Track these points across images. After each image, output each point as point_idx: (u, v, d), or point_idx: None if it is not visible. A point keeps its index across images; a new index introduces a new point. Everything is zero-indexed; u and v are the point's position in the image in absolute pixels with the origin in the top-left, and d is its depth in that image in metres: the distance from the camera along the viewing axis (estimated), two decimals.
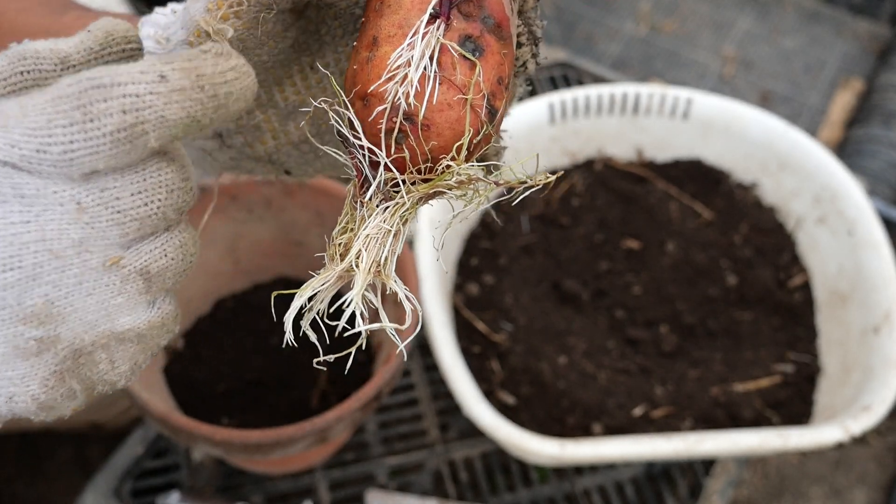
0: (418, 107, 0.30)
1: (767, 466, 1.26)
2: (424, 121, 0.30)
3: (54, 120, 0.26)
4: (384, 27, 0.32)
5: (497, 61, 0.32)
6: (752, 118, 0.85)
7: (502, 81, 0.32)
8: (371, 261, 0.32)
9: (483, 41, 0.32)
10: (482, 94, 0.31)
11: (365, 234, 0.31)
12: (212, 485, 0.75)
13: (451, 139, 0.31)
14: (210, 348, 0.73)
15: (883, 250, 0.76)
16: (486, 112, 0.32)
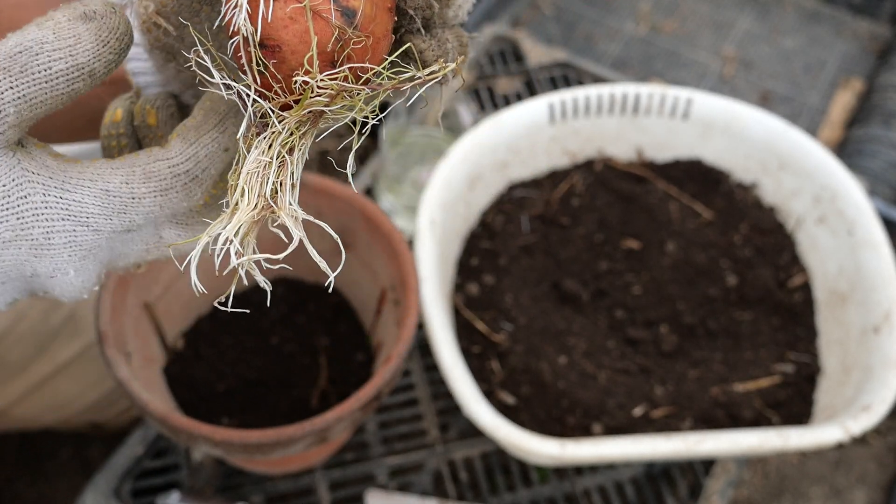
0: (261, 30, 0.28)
1: (767, 466, 1.26)
2: (270, 41, 0.29)
3: None
4: None
5: None
6: (752, 118, 0.85)
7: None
8: (254, 195, 0.30)
9: None
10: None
11: (245, 170, 0.30)
12: (212, 485, 0.75)
13: (308, 47, 0.29)
14: (210, 348, 0.73)
15: (883, 250, 0.76)
16: (338, 14, 0.29)
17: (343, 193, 0.70)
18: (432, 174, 0.77)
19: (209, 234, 0.32)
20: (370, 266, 0.72)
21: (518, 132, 0.83)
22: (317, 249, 0.37)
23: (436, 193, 0.75)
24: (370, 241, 0.70)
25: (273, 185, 0.30)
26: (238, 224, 0.31)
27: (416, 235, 0.72)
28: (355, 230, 0.71)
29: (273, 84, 0.29)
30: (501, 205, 0.84)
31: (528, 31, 1.52)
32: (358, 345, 0.75)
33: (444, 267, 0.75)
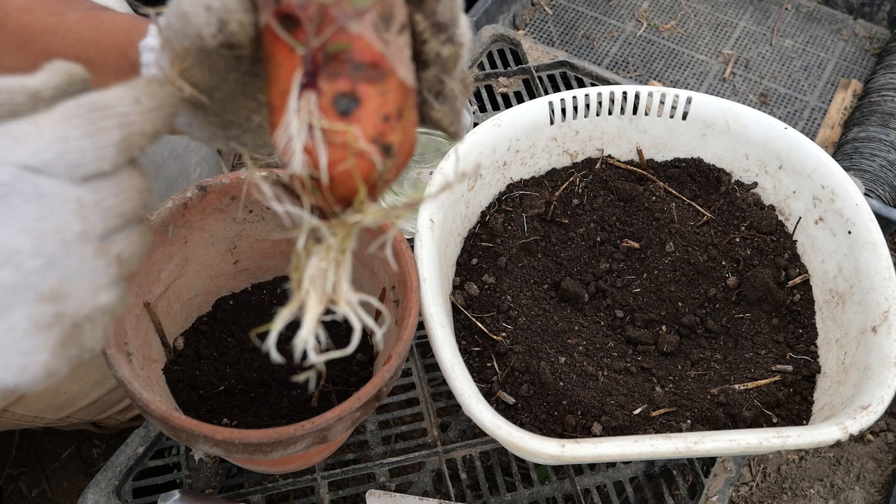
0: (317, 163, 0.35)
1: (767, 465, 1.27)
2: (331, 176, 0.35)
3: (70, 132, 0.33)
4: (272, 96, 0.36)
5: (377, 103, 0.35)
6: (751, 118, 0.85)
7: (389, 118, 0.35)
8: (319, 295, 0.37)
9: (357, 91, 0.35)
10: (373, 138, 0.35)
11: (308, 274, 0.37)
12: (212, 485, 0.75)
13: (356, 182, 0.36)
14: (210, 348, 0.73)
15: (881, 250, 0.76)
16: (379, 150, 0.35)
17: None
18: (432, 174, 0.77)
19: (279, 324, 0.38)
20: (370, 266, 0.72)
21: (518, 132, 0.83)
22: None
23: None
24: (370, 241, 0.71)
25: (334, 283, 0.37)
26: (312, 322, 0.37)
27: (416, 235, 0.72)
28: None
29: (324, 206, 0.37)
30: (501, 205, 0.84)
31: (528, 31, 1.52)
32: (358, 345, 0.75)
33: (444, 267, 0.76)
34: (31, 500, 1.16)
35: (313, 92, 0.35)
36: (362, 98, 0.35)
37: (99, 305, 0.35)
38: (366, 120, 0.35)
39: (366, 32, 0.34)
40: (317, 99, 0.34)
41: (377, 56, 0.35)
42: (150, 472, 0.77)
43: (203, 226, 0.70)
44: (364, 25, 0.34)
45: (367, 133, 0.35)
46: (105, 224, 0.35)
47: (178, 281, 0.70)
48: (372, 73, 0.35)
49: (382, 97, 0.35)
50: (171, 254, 0.69)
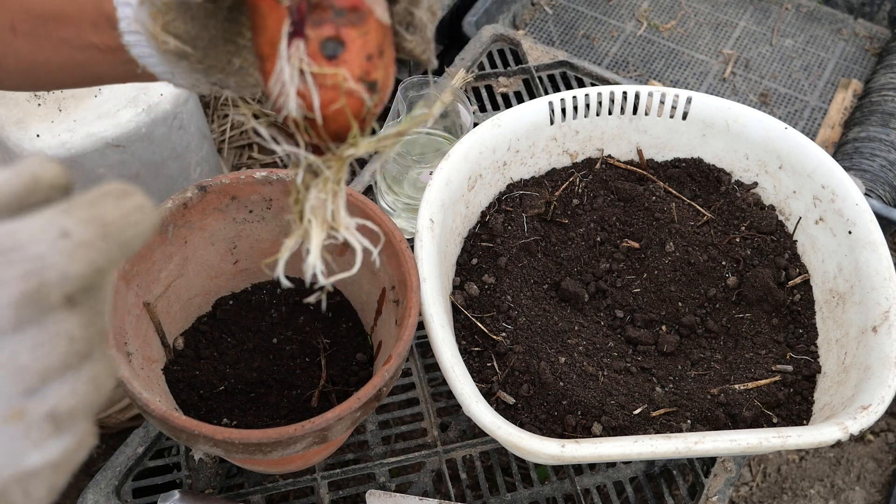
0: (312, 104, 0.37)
1: (767, 465, 1.26)
2: (324, 115, 0.38)
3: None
4: (261, 45, 0.38)
5: (360, 44, 0.38)
6: (751, 118, 0.85)
7: (372, 57, 0.38)
8: (321, 223, 0.40)
9: (342, 35, 0.37)
10: (359, 77, 0.38)
11: (309, 206, 0.40)
12: (212, 485, 0.75)
13: (348, 118, 0.38)
14: (210, 348, 0.73)
15: (881, 250, 0.76)
16: (366, 88, 0.38)
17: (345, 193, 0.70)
18: (432, 174, 0.77)
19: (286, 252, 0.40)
20: (370, 266, 0.72)
21: (518, 132, 0.83)
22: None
23: (436, 193, 0.75)
24: (370, 241, 0.70)
25: (333, 211, 0.40)
26: (318, 248, 0.40)
27: (416, 235, 0.72)
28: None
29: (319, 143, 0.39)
30: (501, 205, 0.84)
31: (528, 31, 1.52)
32: (358, 345, 0.75)
33: (444, 267, 0.76)
34: None
35: (301, 40, 0.37)
36: (347, 41, 0.37)
37: (27, 470, 0.28)
38: (352, 61, 0.38)
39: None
40: (305, 46, 0.37)
41: (356, 0, 0.37)
42: (149, 472, 0.77)
43: (203, 226, 0.70)
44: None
45: (353, 73, 0.38)
46: (22, 385, 0.27)
47: (177, 281, 0.70)
48: (353, 16, 0.37)
49: (364, 38, 0.38)
50: (171, 254, 0.69)
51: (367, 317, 0.75)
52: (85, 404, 0.29)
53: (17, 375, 0.27)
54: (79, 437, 0.29)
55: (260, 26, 0.38)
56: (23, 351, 0.27)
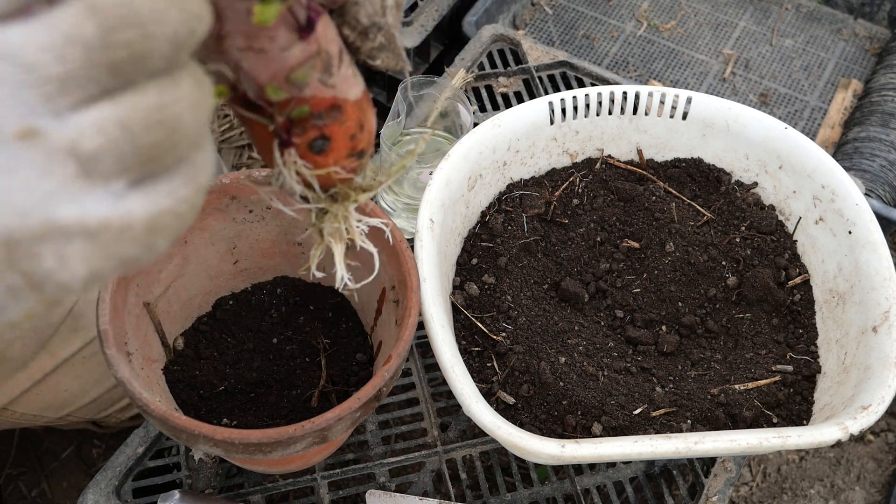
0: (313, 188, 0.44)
1: (767, 466, 1.26)
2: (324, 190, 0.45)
3: None
4: (258, 147, 0.43)
5: (343, 132, 0.42)
6: (751, 118, 0.85)
7: (355, 135, 0.43)
8: (339, 242, 0.47)
9: (325, 133, 0.42)
10: (348, 155, 0.43)
11: (327, 232, 0.47)
12: (212, 485, 0.75)
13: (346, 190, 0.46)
14: (210, 348, 0.73)
15: (881, 250, 0.76)
16: (354, 159, 0.44)
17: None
18: (432, 174, 0.77)
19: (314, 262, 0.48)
20: (370, 266, 0.72)
21: (518, 132, 0.83)
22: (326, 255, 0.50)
23: (436, 193, 0.75)
24: (370, 241, 0.70)
25: (349, 230, 0.47)
26: (341, 262, 0.47)
27: (416, 235, 0.72)
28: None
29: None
30: (501, 205, 0.84)
31: (528, 31, 1.52)
32: (358, 345, 0.75)
33: (444, 267, 0.76)
34: (31, 500, 1.16)
35: (291, 147, 0.42)
36: (331, 135, 0.42)
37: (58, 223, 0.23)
38: (339, 149, 0.43)
39: (316, 91, 0.40)
40: (296, 150, 0.42)
41: (330, 101, 0.41)
42: (149, 472, 0.77)
43: (203, 226, 0.70)
44: (312, 87, 0.40)
45: (342, 156, 0.43)
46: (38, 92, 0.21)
47: (178, 281, 0.70)
48: (331, 114, 0.41)
49: (345, 125, 0.42)
50: (171, 254, 0.69)
51: (367, 317, 0.75)
52: (116, 152, 0.23)
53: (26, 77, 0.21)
54: (132, 213, 0.24)
55: (251, 134, 0.42)
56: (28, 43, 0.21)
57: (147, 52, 0.22)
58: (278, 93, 0.39)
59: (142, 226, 0.24)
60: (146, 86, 0.23)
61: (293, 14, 0.37)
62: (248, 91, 0.38)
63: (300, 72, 0.38)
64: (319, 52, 0.39)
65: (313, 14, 0.38)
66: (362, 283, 0.52)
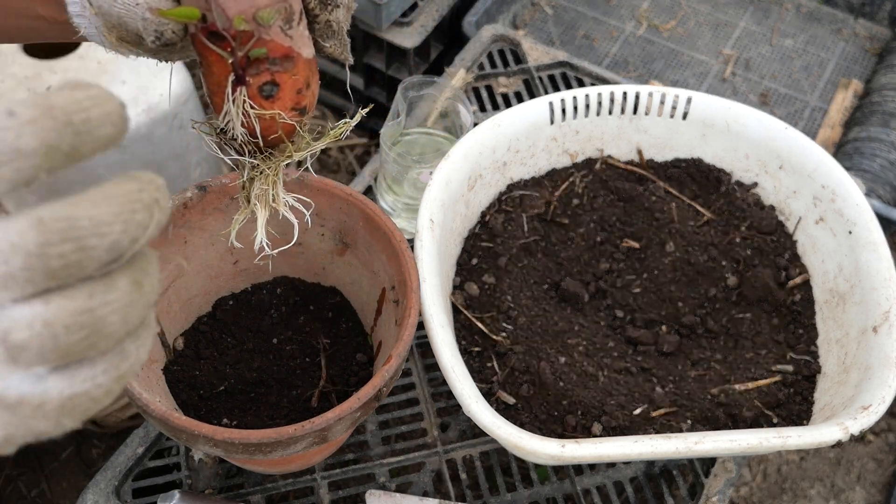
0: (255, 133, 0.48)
1: (767, 466, 1.26)
2: (264, 138, 0.48)
3: None
4: (209, 84, 0.46)
5: (291, 83, 0.47)
6: (752, 118, 0.85)
7: (301, 90, 0.47)
8: (264, 206, 0.51)
9: (276, 78, 0.46)
10: (292, 108, 0.47)
11: (255, 194, 0.51)
12: (212, 485, 0.75)
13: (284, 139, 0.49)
14: (210, 348, 0.73)
15: (882, 250, 0.76)
16: (297, 114, 0.48)
17: (343, 193, 0.70)
18: (432, 174, 0.77)
19: (234, 229, 0.52)
20: (370, 266, 0.72)
21: (518, 132, 0.83)
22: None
23: (436, 193, 0.75)
24: (370, 241, 0.70)
25: (273, 195, 0.51)
26: (263, 225, 0.51)
27: (416, 235, 0.72)
28: (355, 230, 0.71)
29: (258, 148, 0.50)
30: (501, 205, 0.84)
31: (528, 31, 1.52)
32: (358, 345, 0.75)
33: (444, 267, 0.76)
34: (31, 500, 1.16)
35: (243, 86, 0.45)
36: (280, 83, 0.46)
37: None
38: (285, 98, 0.47)
39: (276, 36, 0.44)
40: (247, 90, 0.45)
41: (286, 50, 0.45)
42: (149, 473, 0.77)
43: (203, 226, 0.70)
44: (274, 31, 0.44)
45: (287, 106, 0.47)
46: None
47: (177, 281, 0.70)
48: (285, 63, 0.45)
49: (294, 77, 0.46)
50: (171, 254, 0.69)
51: (367, 317, 0.75)
52: (39, 348, 0.26)
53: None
54: (49, 392, 0.26)
55: (208, 71, 0.46)
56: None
57: (82, 261, 0.26)
58: (244, 24, 0.43)
59: (55, 406, 0.27)
60: (77, 290, 0.26)
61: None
62: (217, 21, 0.42)
63: (266, 12, 0.43)
64: (285, 2, 0.43)
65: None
66: (280, 248, 0.56)
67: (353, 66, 1.39)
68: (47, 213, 0.25)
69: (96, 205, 0.26)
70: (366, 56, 1.33)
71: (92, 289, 0.26)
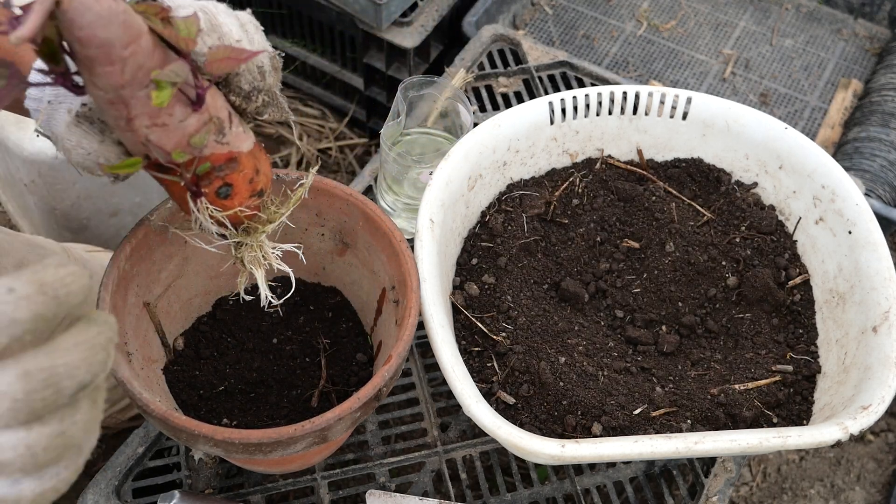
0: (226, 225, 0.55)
1: (767, 465, 1.26)
2: (235, 225, 0.56)
3: None
4: (173, 195, 0.54)
5: (242, 178, 0.53)
6: (751, 118, 0.85)
7: (252, 178, 0.54)
8: (259, 267, 0.58)
9: (227, 180, 0.52)
10: (249, 196, 0.54)
11: (247, 260, 0.58)
12: (212, 485, 0.75)
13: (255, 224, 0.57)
14: (210, 348, 0.73)
15: (881, 250, 0.76)
16: (256, 196, 0.55)
17: (342, 193, 0.70)
18: (432, 174, 0.77)
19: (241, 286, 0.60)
20: (370, 266, 0.72)
21: (518, 132, 0.83)
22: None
23: (436, 193, 0.75)
24: (370, 241, 0.70)
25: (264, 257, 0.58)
26: (263, 283, 0.59)
27: (416, 235, 0.72)
28: (355, 230, 0.71)
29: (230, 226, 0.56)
30: (501, 205, 0.84)
31: (528, 31, 1.52)
32: (358, 345, 0.75)
33: (444, 267, 0.76)
34: None
35: (202, 196, 0.52)
36: (232, 182, 0.52)
37: None
38: (241, 192, 0.53)
39: (214, 149, 0.50)
40: (205, 198, 0.52)
41: (227, 155, 0.51)
42: (149, 473, 0.77)
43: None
44: (210, 146, 0.50)
45: (245, 197, 0.54)
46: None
47: (177, 281, 0.70)
48: (230, 165, 0.51)
49: (242, 172, 0.52)
50: (171, 254, 0.69)
51: (367, 317, 0.75)
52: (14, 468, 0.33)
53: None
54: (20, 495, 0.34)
55: (168, 191, 0.53)
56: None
57: (57, 399, 0.33)
58: (182, 156, 0.48)
59: (27, 501, 0.34)
60: (52, 416, 0.34)
61: (184, 93, 0.46)
62: (158, 158, 0.48)
63: (198, 137, 0.48)
64: (212, 119, 0.48)
65: (201, 90, 0.47)
66: (284, 298, 0.67)
67: (354, 66, 1.39)
68: (32, 366, 0.33)
69: (68, 352, 0.34)
70: (366, 56, 1.33)
71: (62, 414, 0.34)
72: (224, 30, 0.50)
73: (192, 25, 0.46)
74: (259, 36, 0.52)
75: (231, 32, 0.51)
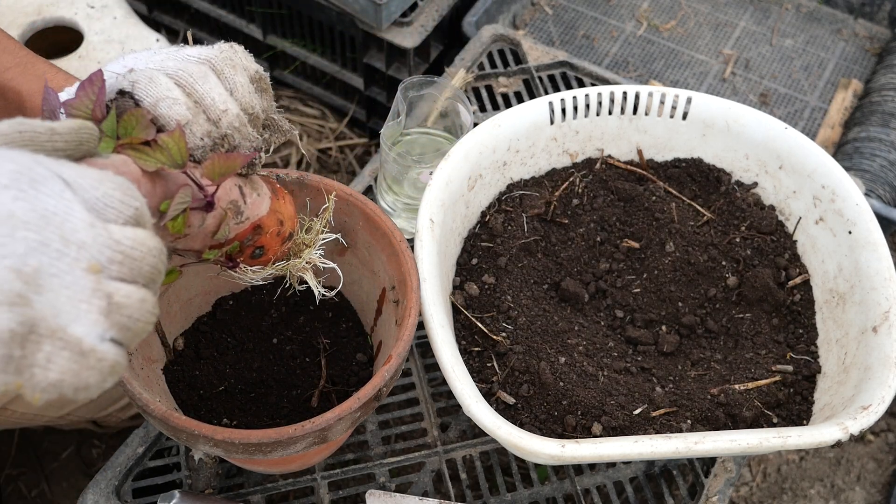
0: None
1: (767, 466, 1.26)
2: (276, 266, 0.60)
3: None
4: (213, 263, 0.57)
5: (270, 235, 0.56)
6: (751, 118, 0.85)
7: (279, 231, 0.57)
8: (310, 273, 0.63)
9: (256, 243, 0.55)
10: (282, 243, 0.58)
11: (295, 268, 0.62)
12: (212, 485, 0.75)
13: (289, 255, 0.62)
14: (210, 348, 0.73)
15: (881, 250, 0.76)
16: (287, 242, 0.59)
17: (343, 193, 0.70)
18: (432, 174, 0.77)
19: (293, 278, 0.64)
20: (370, 266, 0.72)
21: (518, 132, 0.83)
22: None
23: (436, 193, 0.75)
24: (370, 241, 0.70)
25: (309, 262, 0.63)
26: (314, 281, 0.63)
27: (416, 235, 0.72)
28: (355, 230, 0.71)
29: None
30: (501, 205, 0.84)
31: (528, 31, 1.52)
32: (358, 345, 0.75)
33: (444, 267, 0.76)
34: (31, 500, 1.16)
35: (239, 265, 0.56)
36: (262, 243, 0.56)
37: (67, 334, 0.33)
38: (273, 247, 0.57)
39: (236, 229, 0.53)
40: (243, 264, 0.57)
41: (249, 228, 0.54)
42: (149, 473, 0.77)
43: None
44: (234, 228, 0.52)
45: (276, 249, 0.58)
46: (108, 256, 0.35)
47: (177, 281, 0.70)
48: (255, 233, 0.55)
49: (269, 233, 0.55)
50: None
51: (367, 317, 0.75)
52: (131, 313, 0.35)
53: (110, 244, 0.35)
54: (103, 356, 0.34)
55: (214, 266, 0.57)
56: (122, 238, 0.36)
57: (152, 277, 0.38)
58: (213, 253, 0.52)
59: (108, 364, 0.35)
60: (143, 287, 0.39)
61: (195, 203, 0.48)
62: (189, 258, 0.52)
63: (220, 233, 0.51)
64: (226, 209, 0.51)
65: (209, 197, 0.49)
66: (336, 290, 0.69)
67: (354, 66, 1.39)
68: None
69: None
70: (366, 56, 1.33)
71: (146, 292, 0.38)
72: (207, 102, 0.50)
73: (181, 141, 0.47)
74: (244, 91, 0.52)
75: (215, 104, 0.50)
